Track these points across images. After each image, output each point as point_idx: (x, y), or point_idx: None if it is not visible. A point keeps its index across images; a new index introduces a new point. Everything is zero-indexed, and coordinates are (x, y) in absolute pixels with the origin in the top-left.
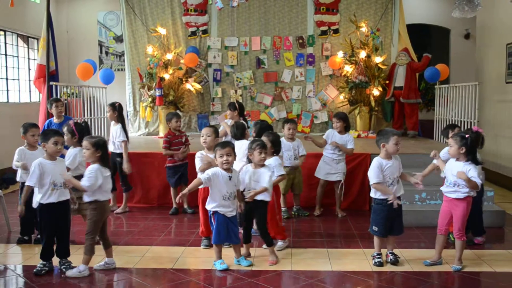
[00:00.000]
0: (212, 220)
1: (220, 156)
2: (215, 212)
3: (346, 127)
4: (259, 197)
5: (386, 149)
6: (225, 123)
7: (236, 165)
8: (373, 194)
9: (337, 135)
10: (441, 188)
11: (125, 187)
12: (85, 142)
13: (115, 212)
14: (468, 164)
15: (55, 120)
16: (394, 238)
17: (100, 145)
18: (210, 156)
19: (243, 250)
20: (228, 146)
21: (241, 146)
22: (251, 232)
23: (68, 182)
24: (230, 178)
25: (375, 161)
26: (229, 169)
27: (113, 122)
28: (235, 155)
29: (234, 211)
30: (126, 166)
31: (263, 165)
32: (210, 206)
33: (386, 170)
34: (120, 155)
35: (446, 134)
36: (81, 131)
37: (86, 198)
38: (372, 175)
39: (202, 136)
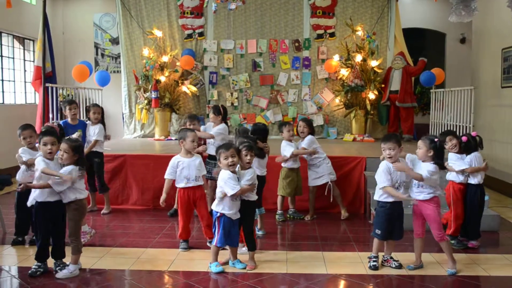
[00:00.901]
0: (217, 223)
1: (225, 158)
2: (222, 215)
3: (309, 132)
4: (250, 198)
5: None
6: (203, 132)
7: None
8: (377, 196)
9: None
10: (409, 191)
11: (102, 187)
12: (64, 145)
13: (101, 213)
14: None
15: (70, 121)
16: (394, 243)
17: (79, 150)
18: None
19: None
20: (232, 147)
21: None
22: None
23: (46, 172)
24: (238, 178)
25: (383, 165)
26: (234, 170)
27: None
28: (239, 156)
29: (238, 214)
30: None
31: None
32: (219, 208)
33: (394, 174)
34: (97, 154)
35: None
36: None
37: (67, 199)
38: (381, 179)
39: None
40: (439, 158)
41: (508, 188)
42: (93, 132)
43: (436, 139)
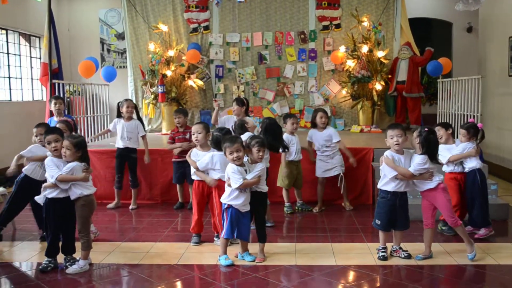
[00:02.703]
0: (225, 215)
1: (230, 153)
2: (229, 206)
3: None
4: (261, 189)
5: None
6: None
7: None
8: (380, 185)
9: (317, 133)
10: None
11: (135, 182)
12: (66, 143)
13: (130, 208)
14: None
15: (55, 118)
16: (401, 233)
17: (82, 146)
18: (202, 153)
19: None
20: (237, 142)
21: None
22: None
23: (63, 179)
24: (246, 171)
25: (386, 155)
26: (242, 164)
27: (121, 119)
28: (244, 149)
29: (247, 206)
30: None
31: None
32: (227, 199)
33: (398, 162)
34: (134, 150)
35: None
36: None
37: (73, 195)
38: (388, 169)
39: (193, 134)
40: (428, 148)
41: None
42: (128, 128)
43: (424, 130)
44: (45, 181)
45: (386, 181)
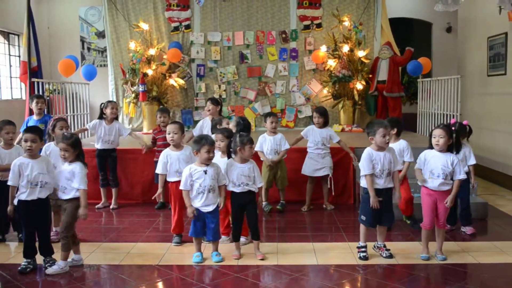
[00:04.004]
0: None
1: (207, 152)
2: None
3: (325, 122)
4: (253, 189)
5: (375, 142)
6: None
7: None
8: (362, 183)
9: (317, 130)
10: (429, 184)
11: (115, 181)
12: (62, 145)
13: (111, 208)
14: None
15: (35, 117)
16: (385, 230)
17: (78, 144)
18: (175, 154)
19: (235, 251)
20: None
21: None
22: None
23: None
24: (205, 172)
25: (365, 152)
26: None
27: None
28: (243, 150)
29: (210, 206)
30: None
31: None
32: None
33: (376, 161)
34: (114, 149)
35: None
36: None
37: (65, 196)
38: (362, 167)
39: (169, 134)
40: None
41: (495, 175)
42: (110, 131)
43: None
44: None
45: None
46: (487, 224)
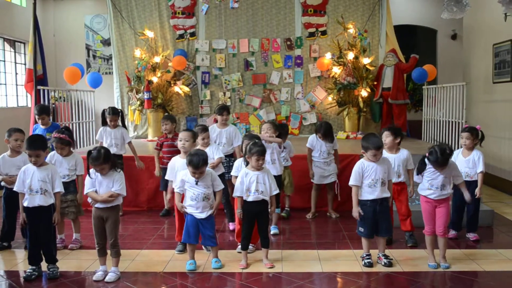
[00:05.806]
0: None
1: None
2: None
3: (331, 140)
4: (266, 198)
5: (366, 156)
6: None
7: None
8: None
9: (322, 141)
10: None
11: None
12: (95, 162)
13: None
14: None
15: (42, 126)
16: (384, 240)
17: (109, 156)
18: (183, 161)
19: (242, 261)
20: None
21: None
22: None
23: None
24: (196, 182)
25: (357, 164)
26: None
27: (107, 127)
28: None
29: (203, 213)
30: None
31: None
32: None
33: (367, 172)
34: (120, 157)
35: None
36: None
37: (115, 202)
38: (351, 178)
39: (180, 140)
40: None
41: (501, 183)
42: (115, 136)
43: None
44: None
45: (363, 190)
46: (493, 232)
